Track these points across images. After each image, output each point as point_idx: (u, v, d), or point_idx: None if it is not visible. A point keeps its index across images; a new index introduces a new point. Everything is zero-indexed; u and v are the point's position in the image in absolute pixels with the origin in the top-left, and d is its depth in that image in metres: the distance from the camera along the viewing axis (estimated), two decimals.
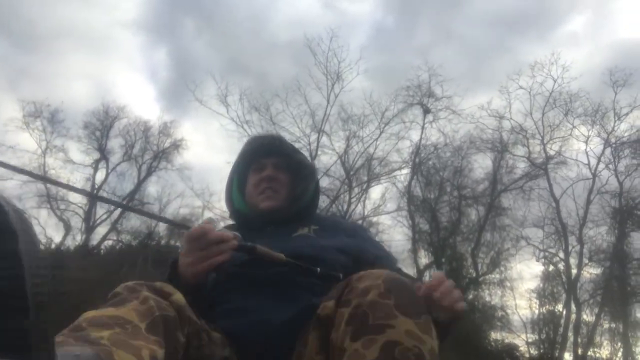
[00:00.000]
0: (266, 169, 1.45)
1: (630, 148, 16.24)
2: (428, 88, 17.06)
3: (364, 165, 17.56)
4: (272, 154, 1.48)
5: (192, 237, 1.11)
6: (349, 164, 17.53)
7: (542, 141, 16.54)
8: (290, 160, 1.49)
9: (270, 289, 1.17)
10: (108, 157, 19.39)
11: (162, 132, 19.97)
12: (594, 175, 16.24)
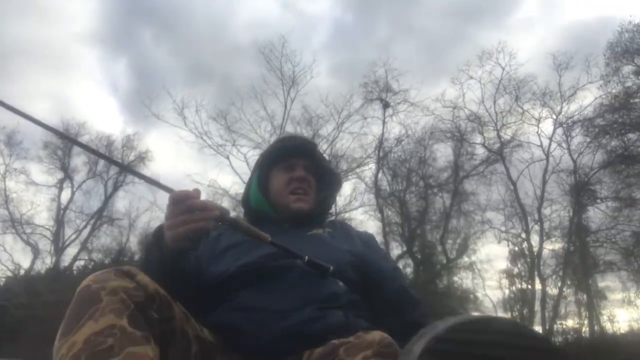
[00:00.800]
0: (297, 169, 1.45)
1: (580, 127, 17.15)
2: (385, 83, 17.53)
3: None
4: (304, 155, 1.49)
5: (174, 200, 1.07)
6: None
7: (495, 127, 17.27)
8: (319, 165, 1.51)
9: (280, 290, 1.15)
10: (72, 175, 19.14)
11: (125, 145, 19.82)
12: (547, 155, 17.06)
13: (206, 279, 1.24)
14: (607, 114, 17.93)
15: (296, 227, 1.37)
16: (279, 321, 1.08)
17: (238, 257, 1.25)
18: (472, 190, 17.77)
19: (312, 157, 1.50)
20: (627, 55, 18.63)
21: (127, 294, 0.89)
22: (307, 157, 1.49)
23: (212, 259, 1.29)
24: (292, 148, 1.49)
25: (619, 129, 17.96)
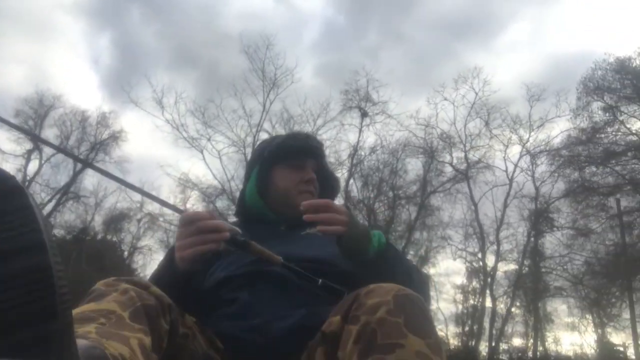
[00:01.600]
0: (308, 170, 1.40)
1: (546, 156, 17.87)
2: (366, 92, 17.87)
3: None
4: (315, 157, 1.44)
5: (183, 221, 1.07)
6: None
7: (464, 149, 17.91)
8: (322, 168, 1.47)
9: (274, 293, 1.14)
10: (41, 147, 18.78)
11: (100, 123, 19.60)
12: (511, 180, 17.73)
13: (203, 286, 1.24)
14: (573, 146, 18.69)
15: (291, 228, 1.33)
16: (276, 323, 1.06)
17: (230, 263, 1.23)
18: (437, 206, 18.34)
19: (319, 159, 1.46)
20: (598, 91, 19.45)
21: (138, 295, 0.87)
22: (317, 159, 1.45)
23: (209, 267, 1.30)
24: (305, 147, 1.42)
25: (583, 161, 18.77)
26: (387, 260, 1.14)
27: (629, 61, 19.04)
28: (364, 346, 0.80)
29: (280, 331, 1.04)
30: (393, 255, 1.17)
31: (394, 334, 0.80)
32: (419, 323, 0.82)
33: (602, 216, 18.27)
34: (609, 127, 19.25)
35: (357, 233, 1.12)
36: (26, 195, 0.47)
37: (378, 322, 0.81)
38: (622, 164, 18.94)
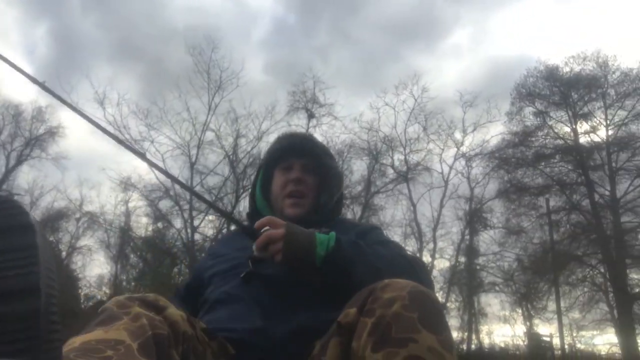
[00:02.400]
0: (294, 170, 1.40)
1: (480, 159, 18.90)
2: (313, 94, 18.16)
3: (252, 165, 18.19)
4: (302, 154, 1.42)
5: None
6: (237, 162, 18.04)
7: (404, 152, 18.71)
8: (319, 163, 1.43)
9: (273, 296, 1.14)
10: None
11: (35, 117, 18.78)
12: (446, 182, 18.66)
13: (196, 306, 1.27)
14: (507, 149, 19.81)
15: None
16: (280, 325, 1.07)
17: (223, 284, 1.24)
18: (380, 206, 18.98)
19: (310, 155, 1.43)
20: (530, 97, 20.75)
21: (150, 323, 0.85)
22: (305, 155, 1.42)
23: (202, 286, 1.31)
24: (289, 147, 1.44)
25: (515, 163, 19.95)
26: (335, 264, 1.10)
27: (557, 70, 20.41)
28: (378, 338, 0.82)
29: (284, 334, 1.05)
30: (344, 257, 1.11)
31: (408, 328, 0.81)
32: (433, 319, 0.84)
33: (532, 215, 19.54)
34: (539, 131, 20.64)
35: (296, 252, 1.10)
36: (35, 234, 0.48)
37: (393, 316, 0.83)
38: (550, 166, 20.33)
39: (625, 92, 19.53)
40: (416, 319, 0.82)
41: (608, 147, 19.36)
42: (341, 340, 0.89)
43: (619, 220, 18.58)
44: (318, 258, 1.10)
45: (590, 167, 19.47)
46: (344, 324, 0.89)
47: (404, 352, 0.79)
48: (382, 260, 1.15)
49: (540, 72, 20.65)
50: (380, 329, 0.83)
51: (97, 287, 22.01)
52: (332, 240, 1.13)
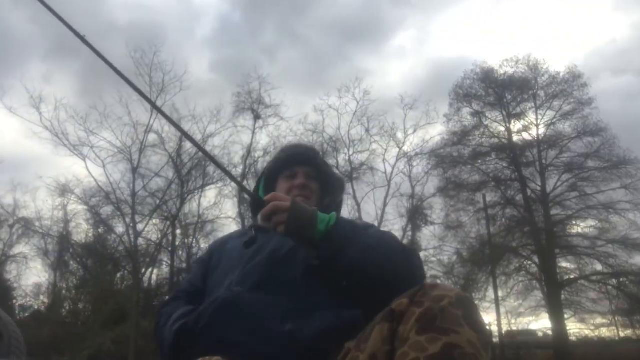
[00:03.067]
0: (298, 177, 1.49)
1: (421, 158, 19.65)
2: (258, 95, 18.20)
3: (198, 167, 18.01)
4: (305, 163, 1.53)
5: None
6: (182, 165, 17.80)
7: (348, 153, 19.13)
8: (321, 171, 1.55)
9: (290, 297, 1.17)
10: None
11: None
12: (389, 182, 19.24)
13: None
14: (446, 148, 20.67)
15: None
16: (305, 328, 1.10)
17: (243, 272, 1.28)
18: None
19: (313, 165, 1.54)
20: (467, 98, 21.76)
21: None
22: (308, 164, 1.53)
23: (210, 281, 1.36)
24: (294, 156, 1.54)
25: (454, 161, 20.86)
26: (333, 238, 1.17)
27: (492, 72, 21.50)
28: (423, 325, 0.90)
29: (308, 336, 1.09)
30: (342, 235, 1.18)
31: (452, 321, 0.89)
32: (475, 319, 0.91)
33: (470, 210, 20.50)
34: (476, 131, 21.71)
35: (298, 224, 1.16)
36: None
37: (440, 309, 0.91)
38: (486, 164, 21.42)
39: (553, 94, 20.92)
40: (460, 316, 0.90)
41: (539, 145, 20.65)
42: (390, 326, 0.95)
43: (549, 213, 19.86)
44: (318, 233, 1.17)
45: (523, 164, 20.72)
46: (396, 311, 0.96)
47: (446, 339, 0.87)
48: (376, 242, 1.22)
49: (476, 74, 21.73)
50: (427, 318, 0.90)
51: (34, 296, 21.07)
52: (333, 219, 1.20)
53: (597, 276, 19.16)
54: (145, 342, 14.72)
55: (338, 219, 1.21)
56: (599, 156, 19.51)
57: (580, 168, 19.92)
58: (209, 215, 18.65)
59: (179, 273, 17.83)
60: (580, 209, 19.85)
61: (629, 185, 18.93)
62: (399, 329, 0.93)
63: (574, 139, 20.13)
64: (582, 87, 20.40)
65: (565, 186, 20.24)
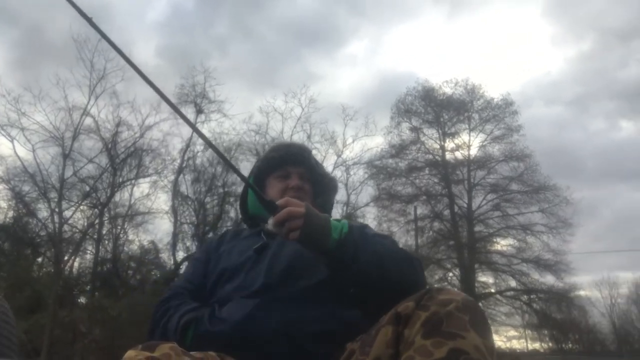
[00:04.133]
0: (292, 178, 1.46)
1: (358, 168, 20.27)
2: (203, 89, 18.02)
3: (133, 156, 17.54)
4: (298, 163, 1.49)
5: None
6: (117, 156, 17.27)
7: None
8: (314, 172, 1.51)
9: (291, 298, 1.16)
10: None
11: None
12: None
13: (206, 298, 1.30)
14: (384, 159, 21.41)
15: None
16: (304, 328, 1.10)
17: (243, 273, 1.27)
18: None
19: (306, 164, 1.50)
20: (408, 114, 22.66)
21: None
22: (302, 164, 1.50)
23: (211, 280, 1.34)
24: (287, 156, 1.50)
25: (391, 173, 21.68)
26: (345, 249, 1.14)
27: (432, 91, 22.56)
28: (429, 328, 0.88)
29: (310, 337, 1.09)
30: (355, 242, 1.16)
31: (458, 326, 0.88)
32: (481, 325, 0.90)
33: (401, 221, 21.34)
34: (413, 146, 22.66)
35: (313, 232, 1.12)
36: None
37: (446, 314, 0.89)
38: (420, 178, 22.42)
39: (486, 118, 22.29)
40: (467, 320, 0.89)
41: (469, 165, 21.90)
42: (394, 329, 0.94)
43: (473, 229, 21.09)
44: (332, 241, 1.14)
45: (453, 181, 21.91)
46: (402, 314, 0.94)
47: (452, 344, 0.85)
48: (386, 251, 1.21)
49: (418, 91, 22.73)
50: (433, 322, 0.89)
51: None
52: (345, 227, 1.17)
53: (511, 292, 20.63)
54: (62, 332, 14.17)
55: (350, 227, 1.19)
56: (522, 180, 21.05)
57: (504, 190, 21.37)
58: (140, 207, 18.20)
59: (103, 263, 17.26)
60: (501, 227, 21.32)
61: (546, 209, 20.58)
62: (404, 332, 0.92)
63: (501, 162, 21.60)
64: (513, 115, 21.94)
65: (489, 205, 21.65)
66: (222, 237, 1.48)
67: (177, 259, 17.66)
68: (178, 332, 1.15)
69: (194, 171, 18.72)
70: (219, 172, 18.85)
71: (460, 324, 0.88)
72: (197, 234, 18.34)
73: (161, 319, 1.25)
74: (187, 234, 18.64)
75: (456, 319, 0.89)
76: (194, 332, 1.15)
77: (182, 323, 1.17)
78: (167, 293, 1.35)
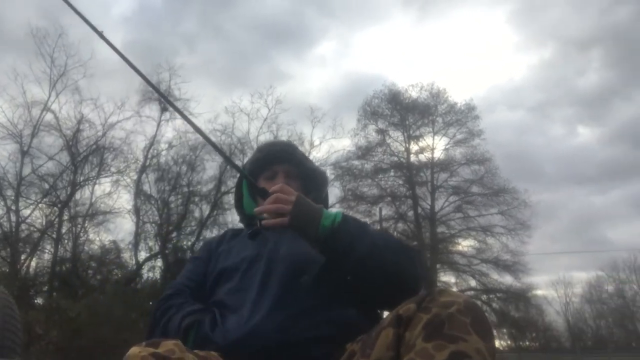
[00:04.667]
0: (278, 178, 1.44)
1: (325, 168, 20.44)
2: (168, 87, 17.80)
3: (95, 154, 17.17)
4: (284, 161, 1.47)
5: None
6: (77, 149, 16.87)
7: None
8: (302, 168, 1.48)
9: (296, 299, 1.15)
10: None
11: None
12: None
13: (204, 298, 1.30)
14: (350, 161, 21.68)
15: (288, 231, 1.29)
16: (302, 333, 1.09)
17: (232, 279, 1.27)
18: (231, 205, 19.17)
19: (291, 161, 1.48)
20: (374, 116, 23.02)
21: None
22: (287, 162, 1.48)
23: (210, 279, 1.34)
24: (271, 156, 1.48)
25: (357, 174, 21.97)
26: (340, 236, 1.14)
27: (399, 94, 23.00)
28: (430, 331, 0.87)
29: (308, 337, 1.08)
30: (349, 232, 1.16)
31: (460, 329, 0.87)
32: (483, 327, 0.89)
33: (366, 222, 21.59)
34: (379, 147, 23.04)
35: (302, 218, 1.14)
36: None
37: (448, 316, 0.88)
38: (385, 179, 22.82)
39: (449, 122, 22.93)
40: (468, 323, 0.88)
41: (432, 168, 22.46)
42: (395, 331, 0.92)
43: (435, 230, 21.62)
44: (322, 228, 1.14)
45: (417, 183, 22.40)
46: (403, 316, 0.93)
47: (453, 347, 0.85)
48: (383, 241, 1.20)
49: (385, 94, 23.14)
50: (434, 324, 0.88)
51: None
52: (339, 216, 1.17)
53: (471, 291, 21.22)
54: None
55: (344, 216, 1.19)
56: (482, 183, 21.73)
57: (466, 192, 22.02)
58: (101, 205, 17.83)
59: (62, 263, 16.81)
60: (462, 229, 21.96)
61: (505, 211, 21.31)
62: (406, 334, 0.91)
63: (463, 165, 22.25)
64: (475, 119, 22.61)
65: (451, 207, 22.26)
66: (222, 237, 1.49)
67: (139, 259, 17.42)
68: (180, 334, 1.15)
69: (157, 170, 18.47)
70: (183, 171, 18.66)
71: (462, 326, 0.88)
72: (160, 234, 18.09)
73: (162, 317, 1.24)
74: (149, 233, 18.39)
75: (458, 322, 0.88)
76: (195, 336, 1.15)
77: (184, 325, 1.17)
78: (168, 290, 1.35)
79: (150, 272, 17.92)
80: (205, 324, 1.15)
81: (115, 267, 17.45)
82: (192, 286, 1.35)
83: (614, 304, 33.88)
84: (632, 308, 33.03)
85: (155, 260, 17.91)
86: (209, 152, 18.79)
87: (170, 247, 18.27)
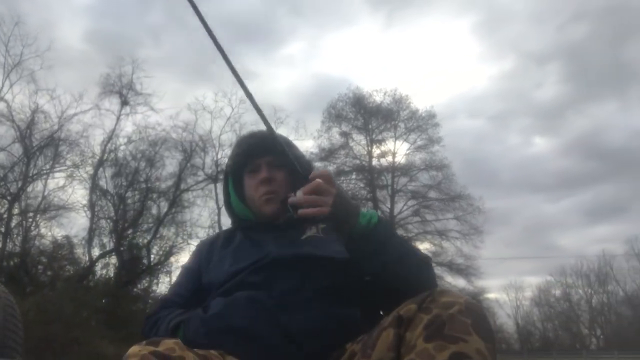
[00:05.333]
0: (261, 171, 1.37)
1: None
2: (130, 80, 17.45)
3: (49, 146, 16.62)
4: (264, 152, 1.39)
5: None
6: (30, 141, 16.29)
7: (216, 156, 19.09)
8: (286, 156, 1.35)
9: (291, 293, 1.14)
10: None
11: None
12: None
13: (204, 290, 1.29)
14: (313, 162, 21.75)
15: (287, 231, 1.30)
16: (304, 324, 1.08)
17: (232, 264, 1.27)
18: (191, 203, 18.97)
19: (273, 151, 1.37)
20: (338, 119, 23.28)
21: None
22: (269, 153, 1.38)
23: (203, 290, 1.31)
24: (251, 149, 1.41)
25: None
26: (373, 238, 1.13)
27: (363, 98, 23.35)
28: (431, 332, 0.87)
29: (308, 337, 1.07)
30: (384, 235, 1.15)
31: (461, 329, 0.87)
32: (484, 328, 0.89)
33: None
34: (342, 150, 23.30)
35: (343, 212, 1.12)
36: None
37: (448, 317, 0.88)
38: (347, 182, 23.06)
39: (411, 128, 23.46)
40: (469, 324, 0.88)
41: (393, 172, 22.92)
42: (396, 332, 0.92)
43: None
44: (357, 226, 1.13)
45: (378, 187, 22.83)
46: (404, 317, 0.93)
47: (454, 347, 0.85)
48: (410, 251, 1.19)
49: (349, 98, 23.44)
50: (435, 325, 0.88)
51: None
52: (375, 217, 1.16)
53: None
54: None
55: (380, 218, 1.17)
56: (439, 189, 22.37)
57: (424, 197, 22.62)
58: (55, 199, 17.27)
59: (10, 257, 16.17)
60: (419, 232, 22.53)
61: (460, 217, 22.00)
62: (406, 335, 0.91)
63: (422, 170, 22.84)
64: (435, 127, 23.22)
65: (410, 211, 22.82)
66: (213, 244, 1.42)
67: (93, 256, 17.00)
68: (168, 334, 1.14)
69: (115, 165, 18.07)
70: (142, 166, 18.32)
71: (462, 327, 0.87)
72: (116, 230, 17.71)
73: (150, 331, 1.23)
74: (104, 229, 17.97)
75: (459, 322, 0.88)
76: (184, 332, 1.13)
77: (171, 325, 1.16)
78: (155, 307, 1.33)
79: (104, 269, 17.52)
80: (193, 319, 1.15)
81: (67, 263, 16.94)
82: (181, 302, 1.31)
83: (560, 307, 35.57)
84: (577, 312, 34.77)
85: (109, 257, 17.54)
86: (168, 149, 18.52)
87: (126, 244, 17.92)
